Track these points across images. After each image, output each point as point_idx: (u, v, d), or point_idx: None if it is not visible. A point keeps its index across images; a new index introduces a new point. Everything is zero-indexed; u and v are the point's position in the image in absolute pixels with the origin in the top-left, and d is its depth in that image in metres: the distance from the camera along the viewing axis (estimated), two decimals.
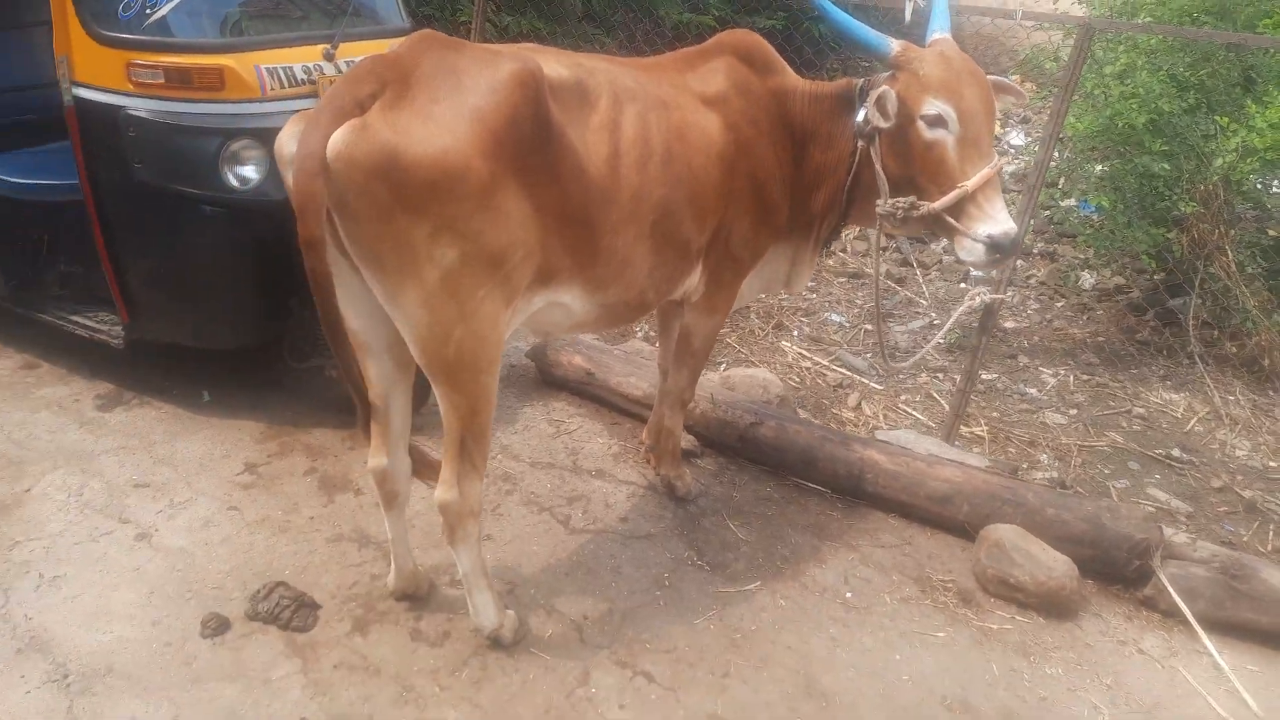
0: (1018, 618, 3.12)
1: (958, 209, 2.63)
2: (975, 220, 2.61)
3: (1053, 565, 3.09)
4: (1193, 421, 4.70)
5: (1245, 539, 3.75)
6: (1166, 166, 4.96)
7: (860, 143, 2.80)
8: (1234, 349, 5.14)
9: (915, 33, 2.97)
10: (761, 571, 3.26)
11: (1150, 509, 3.79)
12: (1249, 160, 4.76)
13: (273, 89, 3.42)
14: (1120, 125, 4.95)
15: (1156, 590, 3.10)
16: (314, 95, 3.50)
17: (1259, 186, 5.27)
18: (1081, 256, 6.36)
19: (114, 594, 2.91)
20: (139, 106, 3.28)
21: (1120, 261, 6.00)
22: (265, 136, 3.39)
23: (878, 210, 2.77)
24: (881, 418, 4.49)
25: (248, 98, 3.37)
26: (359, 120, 2.14)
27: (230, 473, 3.55)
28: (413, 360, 2.52)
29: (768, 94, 2.92)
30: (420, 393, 3.78)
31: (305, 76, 3.50)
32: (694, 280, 3.02)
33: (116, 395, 3.94)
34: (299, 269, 3.54)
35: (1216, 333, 5.23)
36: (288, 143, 2.30)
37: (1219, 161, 4.81)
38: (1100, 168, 5.54)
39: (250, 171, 3.42)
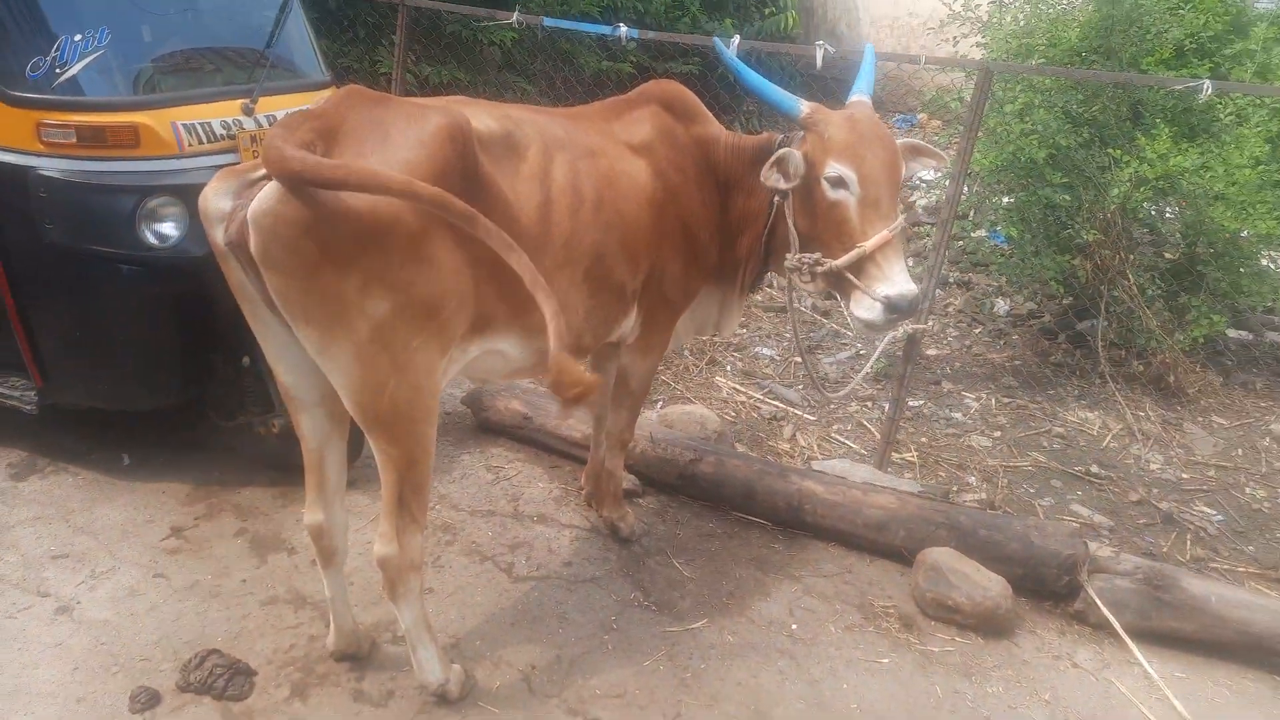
0: (958, 639, 3.19)
1: (858, 268, 2.66)
2: (874, 280, 2.63)
3: (988, 585, 3.17)
4: (1108, 438, 4.91)
5: (1165, 549, 3.92)
6: (1067, 197, 5.23)
7: (775, 197, 2.89)
8: (1141, 367, 5.40)
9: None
10: (708, 608, 3.27)
11: (1075, 525, 3.92)
12: (1142, 189, 5.06)
13: (190, 145, 3.37)
14: (1023, 160, 5.21)
15: (1086, 604, 3.21)
16: (234, 150, 3.47)
17: (1153, 213, 5.59)
18: (995, 284, 6.63)
19: (34, 672, 2.77)
20: (50, 167, 3.19)
21: (1031, 288, 6.27)
22: (184, 193, 3.34)
23: (786, 264, 2.85)
24: (816, 448, 4.57)
25: (164, 154, 3.32)
26: None
27: (155, 538, 3.42)
28: (347, 414, 2.48)
29: (692, 141, 3.01)
30: (353, 447, 3.73)
31: (224, 131, 3.46)
32: (630, 323, 3.06)
33: (30, 463, 3.77)
34: (221, 324, 3.52)
35: (1124, 352, 5.49)
36: (213, 198, 2.27)
37: (1115, 191, 5.09)
38: (1007, 200, 5.81)
39: (169, 229, 3.35)
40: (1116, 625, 3.13)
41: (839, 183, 2.66)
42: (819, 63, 4.32)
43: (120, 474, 3.77)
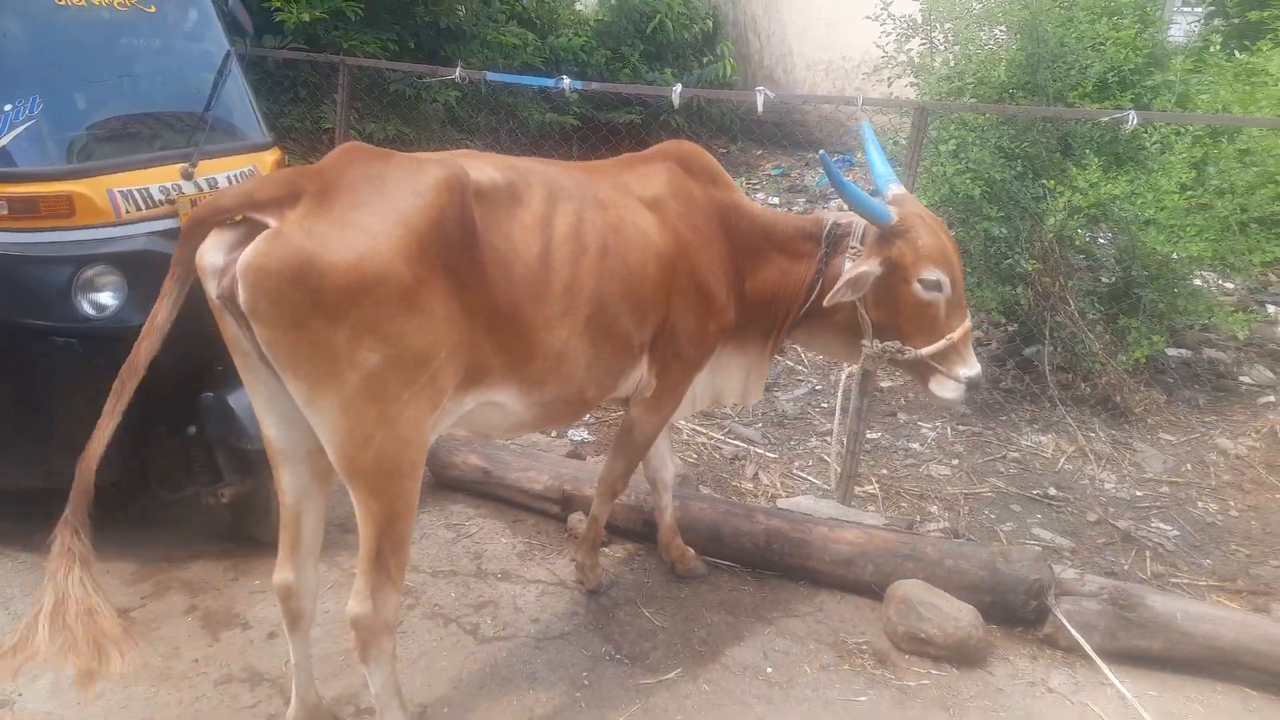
0: (932, 671, 3.17)
1: (941, 354, 2.96)
2: (955, 364, 2.98)
3: (958, 615, 3.17)
4: (1062, 460, 4.98)
5: (1126, 567, 3.97)
6: (1005, 230, 5.37)
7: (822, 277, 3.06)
8: (1088, 389, 5.51)
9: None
10: (681, 657, 3.21)
11: (1038, 549, 3.95)
12: (1076, 217, 5.22)
13: (128, 212, 3.30)
14: (960, 196, 5.35)
15: (1055, 628, 3.22)
16: (173, 215, 3.40)
17: (1088, 240, 5.76)
18: None
19: None
20: None
21: (977, 318, 6.39)
22: (122, 261, 3.26)
23: (864, 351, 3.04)
24: (779, 485, 4.56)
25: (101, 223, 3.24)
26: (273, 229, 2.16)
27: None
28: (330, 471, 2.48)
29: (710, 203, 3.07)
30: None
31: (163, 197, 3.39)
32: (640, 376, 3.04)
33: None
34: (164, 394, 3.41)
35: (1071, 376, 5.61)
36: (208, 253, 2.28)
37: (1050, 221, 5.25)
38: None
39: (107, 298, 3.26)
40: (1087, 647, 3.14)
41: (935, 286, 2.91)
42: (760, 108, 4.42)
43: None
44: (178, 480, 3.63)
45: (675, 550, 3.64)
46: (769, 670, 3.16)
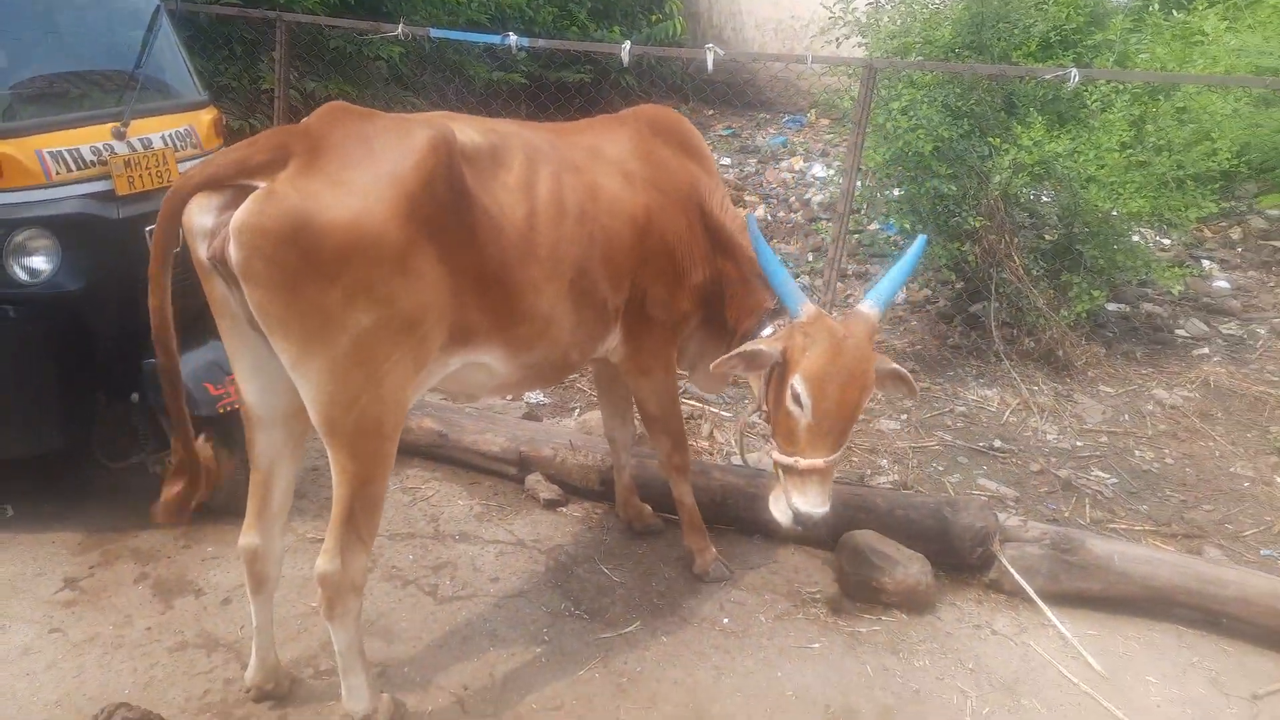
0: (883, 618, 3.26)
1: (784, 468, 2.80)
2: (794, 489, 2.77)
3: (908, 564, 3.26)
4: (1007, 413, 5.11)
5: (1067, 514, 4.11)
6: (954, 188, 5.45)
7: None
8: (1032, 344, 5.64)
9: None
10: (639, 611, 3.25)
11: (984, 498, 4.07)
12: (1020, 175, 5.31)
13: (58, 173, 3.19)
14: (910, 154, 5.40)
15: (1000, 573, 3.33)
16: (106, 177, 3.29)
17: (1031, 197, 5.87)
18: None
19: None
20: None
21: (925, 275, 6.49)
22: (54, 224, 3.16)
23: (743, 416, 3.04)
24: (734, 444, 4.61)
25: (30, 185, 3.13)
26: (265, 188, 2.13)
27: (47, 592, 3.20)
28: (304, 435, 2.52)
29: (681, 169, 3.04)
30: None
31: (95, 157, 3.28)
32: (613, 340, 3.04)
33: None
34: (104, 360, 3.33)
35: (1015, 331, 5.74)
36: (196, 214, 2.25)
37: (996, 178, 5.33)
38: (897, 192, 6.01)
39: (39, 262, 3.17)
40: (1029, 590, 3.26)
41: (796, 400, 2.70)
42: (709, 65, 4.40)
43: (2, 527, 3.52)
44: (123, 449, 3.55)
45: (632, 508, 3.67)
46: (725, 621, 3.22)
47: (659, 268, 2.99)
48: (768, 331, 2.97)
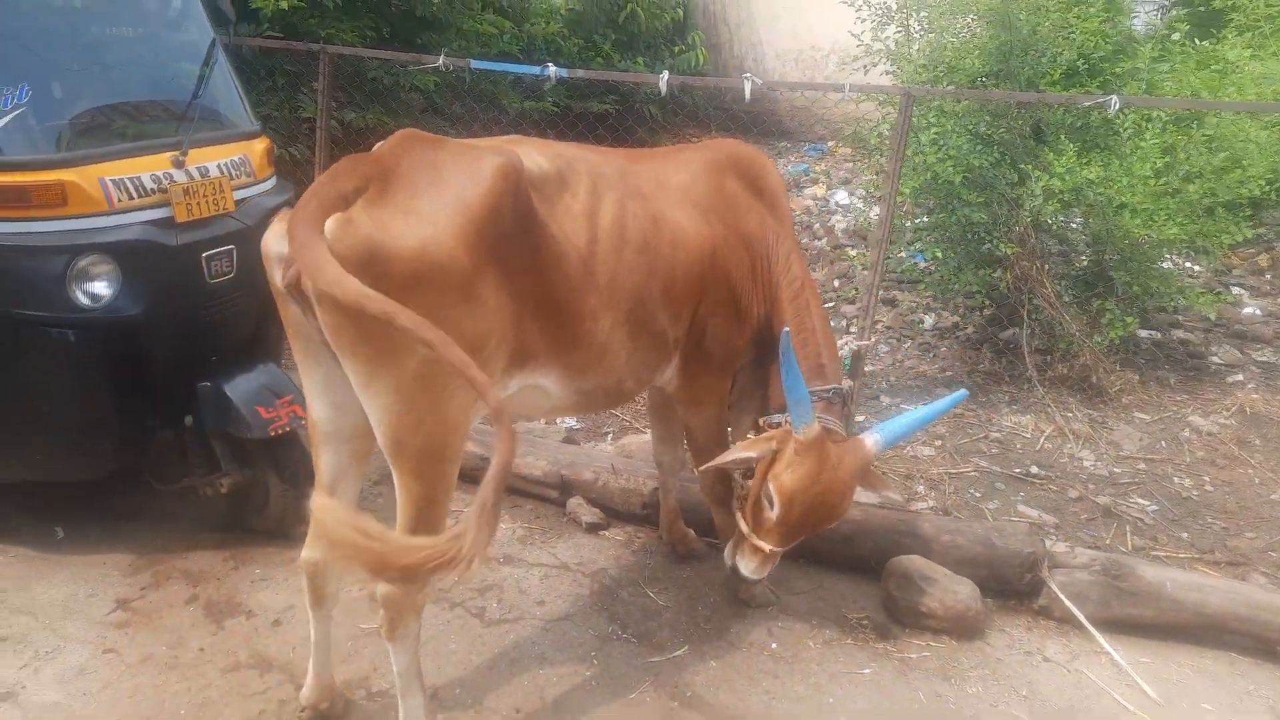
0: (932, 644, 3.25)
1: (743, 535, 3.00)
2: (744, 553, 3.01)
3: (958, 589, 3.25)
4: (1042, 439, 5.10)
5: (1108, 541, 4.08)
6: (984, 215, 5.48)
7: None
8: (1065, 370, 5.64)
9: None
10: (687, 635, 3.26)
11: (1029, 523, 4.05)
12: (1050, 202, 5.34)
13: (120, 201, 3.26)
14: (940, 182, 5.44)
15: (1049, 599, 3.32)
16: (165, 204, 3.36)
17: (1062, 224, 5.88)
18: (919, 300, 6.86)
19: None
20: None
21: (954, 302, 6.51)
22: (115, 250, 3.23)
23: (739, 475, 3.11)
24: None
25: (93, 212, 3.20)
26: (343, 215, 2.19)
27: (100, 613, 3.23)
28: (368, 454, 2.58)
29: (750, 210, 3.07)
30: (301, 501, 3.61)
31: (155, 185, 3.35)
32: (670, 371, 3.08)
33: None
34: (159, 384, 3.38)
35: (1048, 357, 5.74)
36: (272, 242, 2.33)
37: (1028, 205, 5.36)
38: (924, 220, 6.05)
39: (101, 288, 3.23)
40: (1081, 617, 3.24)
41: (769, 500, 2.88)
42: (747, 95, 4.46)
43: (54, 549, 3.56)
44: (175, 472, 3.60)
45: (677, 532, 3.68)
46: (774, 645, 3.22)
47: (719, 301, 3.00)
48: (777, 419, 3.00)
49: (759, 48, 13.06)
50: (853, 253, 7.65)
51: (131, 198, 3.28)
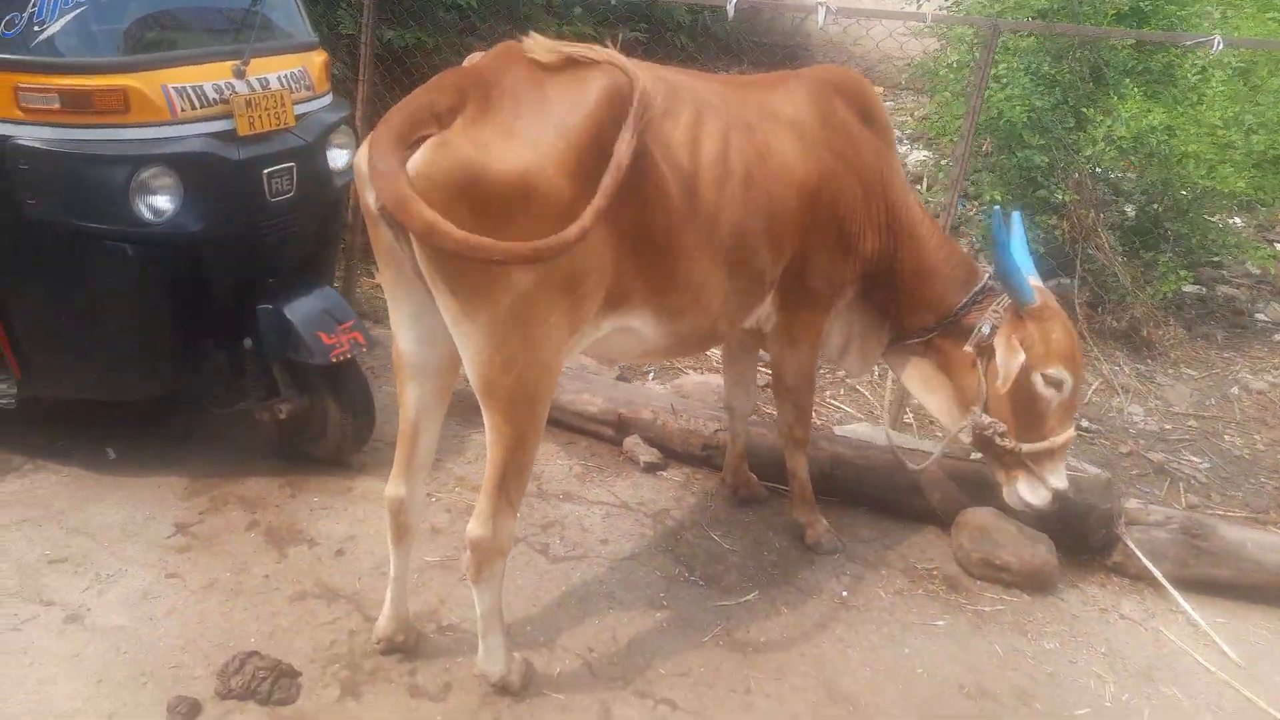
0: (1005, 597, 3.22)
1: (1037, 456, 2.92)
2: (1049, 472, 2.94)
3: (1034, 543, 3.21)
4: (1089, 392, 5.03)
5: (1162, 498, 4.05)
6: (1044, 159, 5.32)
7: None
8: (1113, 323, 5.55)
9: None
10: (755, 580, 3.22)
11: (1106, 476, 3.98)
12: (1110, 149, 5.18)
13: (183, 110, 3.10)
14: (1003, 121, 5.27)
15: (1125, 556, 3.28)
16: (228, 115, 3.20)
17: (1119, 173, 5.73)
18: (969, 249, 6.72)
19: (53, 688, 2.53)
20: (30, 135, 2.90)
21: None
22: (179, 163, 3.08)
23: (970, 418, 2.98)
24: (817, 413, 4.55)
25: (157, 120, 3.05)
26: (439, 136, 2.07)
27: (159, 536, 3.18)
28: (451, 388, 2.51)
29: (864, 138, 2.94)
30: (359, 430, 3.54)
31: (217, 95, 3.18)
32: (765, 309, 2.97)
33: (5, 461, 3.45)
34: (218, 306, 3.28)
35: (1096, 310, 5.64)
36: (366, 160, 2.16)
37: (1088, 151, 5.20)
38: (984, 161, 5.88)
39: (164, 202, 3.09)
40: (1159, 575, 3.21)
41: (1056, 384, 2.85)
42: (821, 21, 4.25)
43: (106, 469, 3.49)
44: (230, 394, 3.51)
45: (741, 476, 3.62)
46: (844, 594, 3.18)
47: (825, 236, 2.89)
48: (987, 329, 2.92)
49: None
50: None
51: (194, 107, 3.12)
